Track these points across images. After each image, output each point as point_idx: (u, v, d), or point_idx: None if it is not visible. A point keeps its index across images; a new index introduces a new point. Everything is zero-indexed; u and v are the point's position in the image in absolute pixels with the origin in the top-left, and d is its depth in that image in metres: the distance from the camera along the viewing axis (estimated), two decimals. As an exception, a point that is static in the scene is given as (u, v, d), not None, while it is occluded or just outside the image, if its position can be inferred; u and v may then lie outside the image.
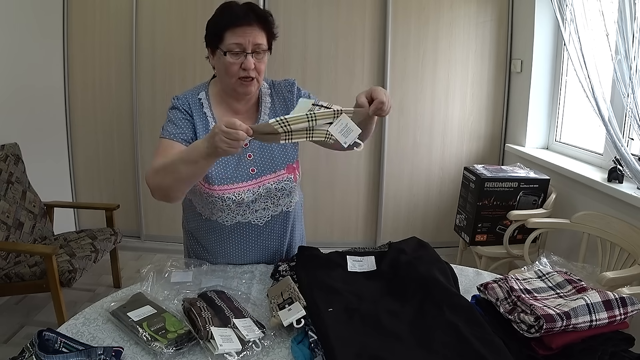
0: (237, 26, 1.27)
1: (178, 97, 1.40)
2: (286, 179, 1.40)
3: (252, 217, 1.41)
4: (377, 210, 3.44)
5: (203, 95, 1.40)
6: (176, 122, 1.34)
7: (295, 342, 1.05)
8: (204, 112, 1.38)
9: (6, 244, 2.38)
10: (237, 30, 1.27)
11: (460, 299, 1.12)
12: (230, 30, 1.27)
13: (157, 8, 3.18)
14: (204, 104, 1.39)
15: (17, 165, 2.64)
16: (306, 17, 3.18)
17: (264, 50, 1.32)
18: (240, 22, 1.27)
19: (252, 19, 1.28)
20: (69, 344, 0.96)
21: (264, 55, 1.33)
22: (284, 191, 1.42)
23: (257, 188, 1.37)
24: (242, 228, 1.41)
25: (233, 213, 1.38)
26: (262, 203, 1.40)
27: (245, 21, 1.27)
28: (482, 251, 2.60)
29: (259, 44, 1.29)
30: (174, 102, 1.39)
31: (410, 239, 1.40)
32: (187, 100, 1.38)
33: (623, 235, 2.06)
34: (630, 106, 2.01)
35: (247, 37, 1.27)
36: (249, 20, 1.27)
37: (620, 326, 1.03)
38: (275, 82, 1.49)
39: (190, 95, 1.40)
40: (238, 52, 1.28)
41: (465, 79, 3.31)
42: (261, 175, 1.38)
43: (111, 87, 3.30)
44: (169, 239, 3.41)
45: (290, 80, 1.50)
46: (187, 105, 1.37)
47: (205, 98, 1.39)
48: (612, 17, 2.07)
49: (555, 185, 2.61)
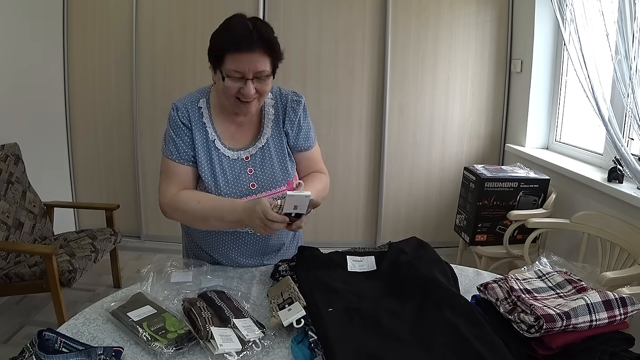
0: (237, 52, 1.19)
1: (178, 106, 1.35)
2: None
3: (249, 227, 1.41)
4: (377, 210, 3.44)
5: (204, 103, 1.37)
6: (176, 141, 1.33)
7: (295, 342, 1.05)
8: (203, 122, 1.35)
9: (6, 244, 2.38)
10: (237, 56, 1.19)
11: (460, 299, 1.12)
12: (230, 56, 1.20)
13: (157, 8, 3.18)
14: (204, 113, 1.36)
15: (17, 165, 2.64)
16: (306, 17, 3.18)
17: (267, 75, 1.25)
18: (240, 49, 1.18)
19: (254, 44, 1.19)
20: (69, 344, 0.96)
21: (268, 79, 1.26)
22: None
23: None
24: (240, 235, 1.42)
25: None
26: None
27: (245, 48, 1.18)
28: (482, 251, 2.60)
29: (260, 70, 1.22)
30: (173, 113, 1.35)
31: (410, 239, 1.40)
32: (187, 109, 1.35)
33: (623, 235, 2.06)
34: (630, 106, 2.01)
35: (247, 64, 1.20)
36: (250, 46, 1.19)
37: (620, 326, 1.03)
38: (283, 92, 1.42)
39: (190, 102, 1.36)
40: (238, 77, 1.22)
41: (465, 79, 3.31)
42: (261, 191, 1.36)
43: (111, 87, 3.30)
44: (169, 239, 3.41)
45: (298, 97, 1.42)
46: (187, 116, 1.34)
47: (205, 106, 1.36)
48: (612, 17, 2.07)
49: (555, 185, 2.61)
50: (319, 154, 1.52)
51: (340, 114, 3.31)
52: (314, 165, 1.49)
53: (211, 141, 1.35)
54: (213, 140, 1.36)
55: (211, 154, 1.35)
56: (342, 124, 3.32)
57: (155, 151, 3.33)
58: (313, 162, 1.49)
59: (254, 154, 1.38)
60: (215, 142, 1.36)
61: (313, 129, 1.49)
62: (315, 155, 1.49)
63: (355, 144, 3.36)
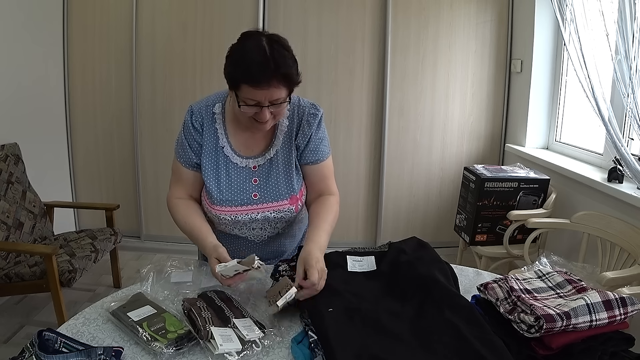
0: (253, 86, 1.16)
1: (193, 110, 1.36)
2: (287, 210, 1.37)
3: (249, 233, 1.42)
4: (377, 210, 3.44)
5: (219, 108, 1.36)
6: (184, 144, 1.36)
7: (295, 342, 1.05)
8: (215, 127, 1.35)
9: (6, 244, 2.38)
10: (252, 89, 1.17)
11: (460, 299, 1.12)
12: (245, 86, 1.17)
13: (157, 8, 3.18)
14: (217, 119, 1.36)
15: (17, 165, 2.64)
16: (306, 17, 3.18)
17: (283, 102, 1.22)
18: (256, 83, 1.16)
19: (271, 78, 1.16)
20: (69, 344, 0.96)
21: (284, 104, 1.23)
22: (282, 220, 1.41)
23: (256, 214, 1.36)
24: (240, 241, 1.43)
25: (229, 228, 1.40)
26: (259, 224, 1.40)
27: (262, 82, 1.15)
28: (482, 251, 2.60)
29: (276, 99, 1.20)
30: (187, 116, 1.36)
31: (410, 239, 1.40)
32: (201, 113, 1.35)
33: (623, 235, 2.06)
34: (630, 106, 2.01)
35: (264, 95, 1.17)
36: (267, 80, 1.15)
37: (620, 326, 1.03)
38: (301, 104, 1.39)
39: (205, 107, 1.36)
40: (253, 105, 1.20)
41: (465, 79, 3.31)
42: (263, 202, 1.36)
43: (111, 87, 3.30)
44: (169, 239, 3.41)
45: (316, 110, 1.39)
46: (199, 120, 1.35)
47: (220, 112, 1.36)
48: (612, 17, 2.07)
49: (555, 185, 2.61)
50: (330, 170, 1.44)
51: (340, 114, 3.31)
52: (322, 182, 1.42)
53: (220, 147, 1.36)
54: (222, 147, 1.36)
55: (218, 160, 1.35)
56: (342, 124, 3.32)
57: (155, 151, 3.33)
58: (321, 178, 1.41)
59: (262, 164, 1.37)
60: (225, 149, 1.36)
61: (328, 144, 1.43)
62: (323, 172, 1.41)
63: (355, 143, 3.36)
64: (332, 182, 1.44)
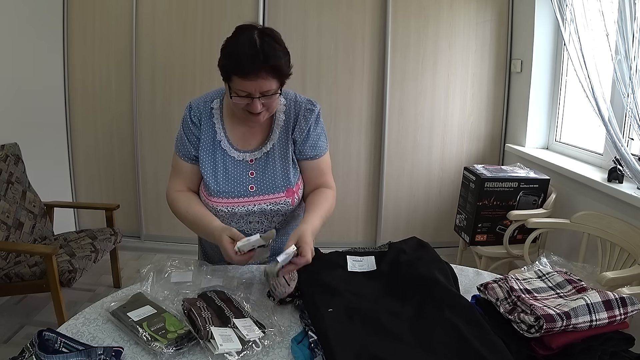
0: (242, 77, 1.19)
1: (192, 105, 1.39)
2: (283, 202, 1.39)
3: (246, 227, 1.42)
4: (377, 210, 3.44)
5: (217, 103, 1.39)
6: (183, 138, 1.39)
7: (295, 342, 1.05)
8: (213, 122, 1.38)
9: (6, 244, 2.38)
10: (243, 80, 1.20)
11: (460, 299, 1.12)
12: (236, 77, 1.20)
13: (157, 8, 3.18)
14: (215, 113, 1.38)
15: (17, 165, 2.64)
16: (306, 17, 3.18)
17: (273, 94, 1.24)
18: (245, 74, 1.18)
19: (259, 69, 1.18)
20: (69, 344, 0.96)
21: (274, 96, 1.25)
22: (278, 212, 1.42)
23: (252, 206, 1.37)
24: None
25: (226, 221, 1.40)
26: (256, 217, 1.41)
27: (250, 73, 1.18)
28: (482, 251, 2.60)
29: (266, 90, 1.22)
30: (186, 112, 1.39)
31: (410, 239, 1.40)
32: (200, 108, 1.39)
33: (623, 235, 2.06)
34: (630, 106, 2.01)
35: (253, 86, 1.20)
36: (255, 72, 1.18)
37: (620, 326, 1.03)
38: (298, 100, 1.41)
39: (203, 102, 1.40)
40: (244, 96, 1.23)
41: (465, 79, 3.31)
42: (259, 195, 1.37)
43: (111, 87, 3.30)
44: (169, 239, 3.41)
45: (313, 105, 1.42)
46: (197, 115, 1.38)
47: (218, 107, 1.39)
48: (612, 17, 2.07)
49: (555, 185, 2.61)
50: (328, 165, 1.47)
51: (340, 114, 3.31)
52: (320, 177, 1.44)
53: (217, 141, 1.38)
54: (220, 140, 1.38)
55: (216, 153, 1.38)
56: (342, 123, 3.32)
57: (155, 151, 3.33)
58: (319, 172, 1.44)
59: (259, 157, 1.39)
60: (222, 143, 1.38)
61: (326, 139, 1.45)
62: (322, 166, 1.44)
63: (355, 143, 3.36)
64: (329, 177, 1.47)
